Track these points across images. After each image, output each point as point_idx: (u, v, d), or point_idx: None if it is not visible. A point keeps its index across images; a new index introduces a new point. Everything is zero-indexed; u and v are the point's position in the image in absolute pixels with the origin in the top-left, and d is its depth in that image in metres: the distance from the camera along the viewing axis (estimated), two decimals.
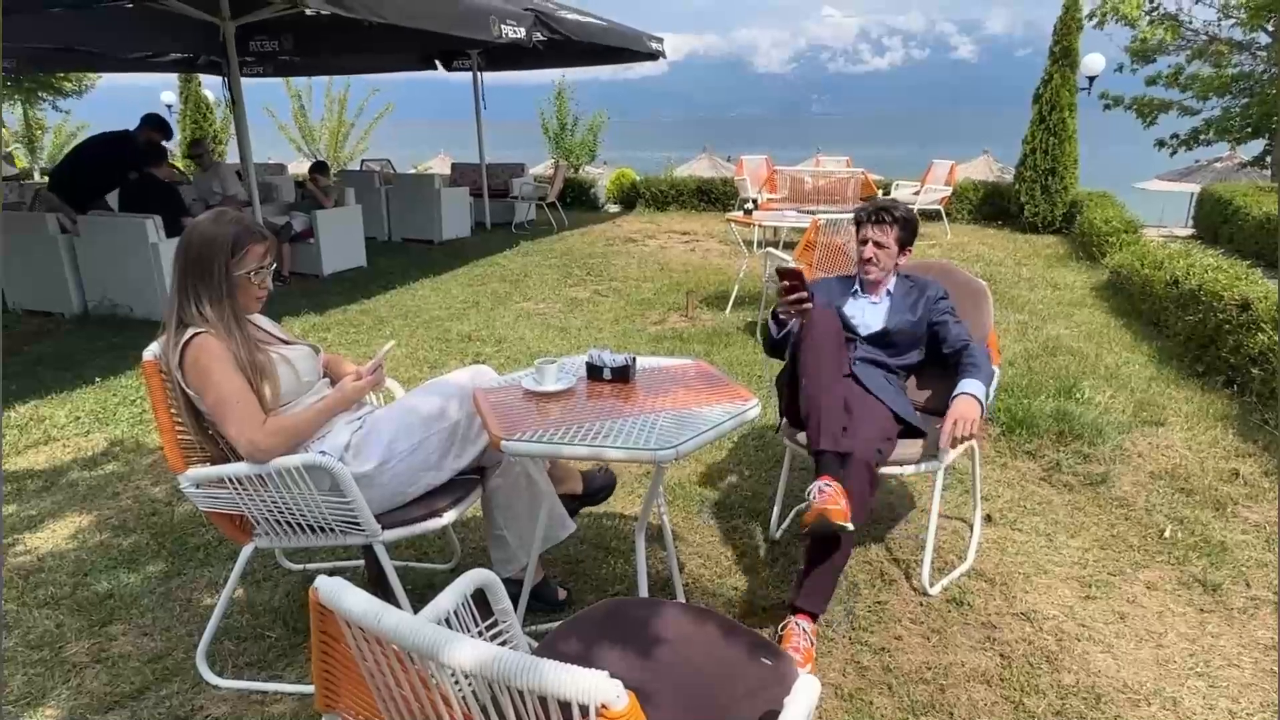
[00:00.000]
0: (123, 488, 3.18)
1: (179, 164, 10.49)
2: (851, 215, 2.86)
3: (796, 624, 2.11)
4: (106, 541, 2.76)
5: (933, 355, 2.65)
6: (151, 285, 5.68)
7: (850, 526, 2.03)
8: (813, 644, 2.11)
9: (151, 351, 1.95)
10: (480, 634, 1.39)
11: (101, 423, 3.87)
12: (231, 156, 13.35)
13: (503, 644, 1.44)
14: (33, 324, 5.80)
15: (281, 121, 15.20)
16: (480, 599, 1.38)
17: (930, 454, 2.41)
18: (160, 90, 14.61)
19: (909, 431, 2.45)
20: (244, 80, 7.83)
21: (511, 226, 10.23)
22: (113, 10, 6.13)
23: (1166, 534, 2.81)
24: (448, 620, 1.30)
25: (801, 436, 2.54)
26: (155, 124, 6.93)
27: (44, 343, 5.29)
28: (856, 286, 2.74)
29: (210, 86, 13.93)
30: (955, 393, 2.35)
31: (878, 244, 2.59)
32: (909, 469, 2.38)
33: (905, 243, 2.62)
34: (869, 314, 2.67)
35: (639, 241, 9.23)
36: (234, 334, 1.91)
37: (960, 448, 2.43)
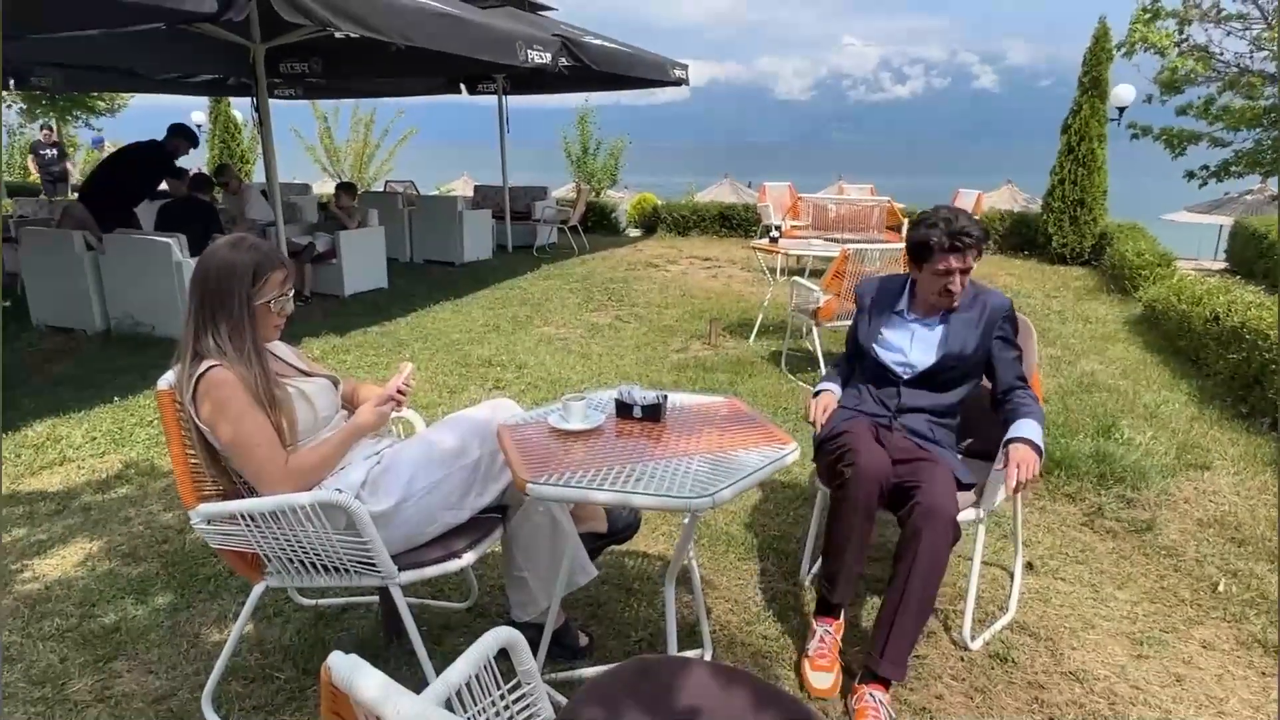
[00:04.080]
0: (135, 513, 3.11)
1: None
2: (878, 246, 2.71)
3: (871, 696, 1.97)
4: (115, 570, 2.69)
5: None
6: (174, 304, 5.67)
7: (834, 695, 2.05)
8: (893, 716, 1.97)
9: (167, 381, 1.89)
10: (503, 697, 1.29)
11: (117, 444, 3.82)
12: (258, 176, 13.51)
13: (525, 708, 1.34)
14: (55, 341, 5.80)
15: (308, 143, 15.38)
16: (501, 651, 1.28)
17: (971, 503, 2.30)
18: (190, 110, 14.84)
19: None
20: (272, 102, 7.90)
21: (533, 249, 10.22)
22: (146, 32, 6.20)
23: (1220, 588, 2.66)
24: (468, 684, 1.20)
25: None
26: (182, 133, 7.09)
27: (65, 360, 5.28)
28: (904, 305, 2.42)
29: (239, 107, 14.15)
30: (1012, 435, 2.15)
31: (963, 271, 2.25)
32: None
33: (978, 257, 2.29)
34: (919, 345, 2.37)
35: (660, 266, 9.18)
36: (252, 366, 1.84)
37: (1019, 495, 2.25)
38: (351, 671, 0.79)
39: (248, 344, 1.85)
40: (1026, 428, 2.16)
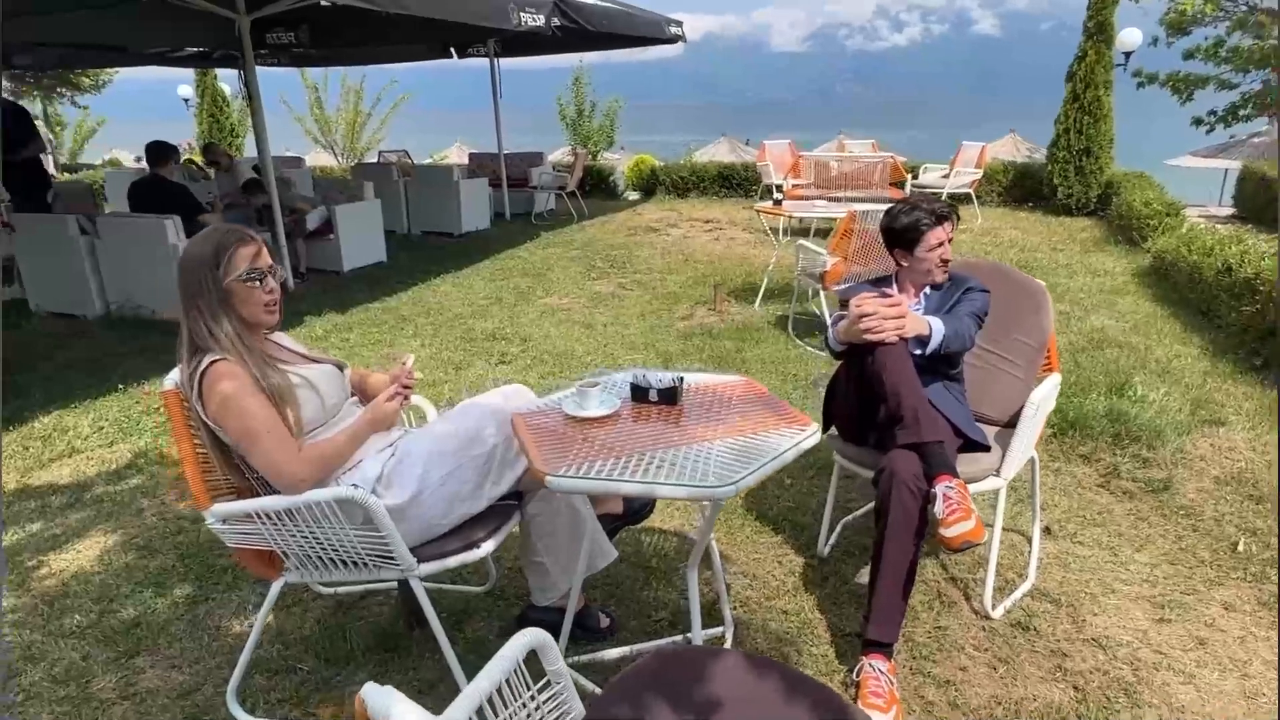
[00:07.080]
0: (147, 503, 3.10)
1: (197, 158, 10.41)
2: (885, 206, 2.73)
3: (870, 666, 1.98)
4: (132, 563, 2.68)
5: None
6: (172, 285, 5.59)
7: (985, 537, 1.95)
8: (893, 684, 1.97)
9: (172, 380, 1.86)
10: (533, 698, 1.28)
11: (125, 432, 3.80)
12: (249, 151, 13.30)
13: (555, 707, 1.33)
14: (55, 327, 5.75)
15: (298, 113, 15.11)
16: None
17: (990, 471, 2.28)
18: (176, 84, 14.56)
19: (967, 446, 2.31)
20: (259, 70, 7.68)
21: (531, 217, 10.10)
22: (130, 6, 6.04)
23: (1240, 547, 2.65)
24: (499, 690, 1.18)
25: (854, 452, 2.42)
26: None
27: (67, 347, 5.24)
28: (892, 291, 2.54)
29: (226, 80, 13.86)
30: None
31: (949, 240, 2.46)
32: (970, 488, 2.23)
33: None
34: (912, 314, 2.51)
35: (661, 230, 9.07)
36: (245, 353, 1.81)
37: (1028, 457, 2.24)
38: (387, 705, 0.76)
39: (235, 325, 1.84)
40: (935, 320, 2.24)
